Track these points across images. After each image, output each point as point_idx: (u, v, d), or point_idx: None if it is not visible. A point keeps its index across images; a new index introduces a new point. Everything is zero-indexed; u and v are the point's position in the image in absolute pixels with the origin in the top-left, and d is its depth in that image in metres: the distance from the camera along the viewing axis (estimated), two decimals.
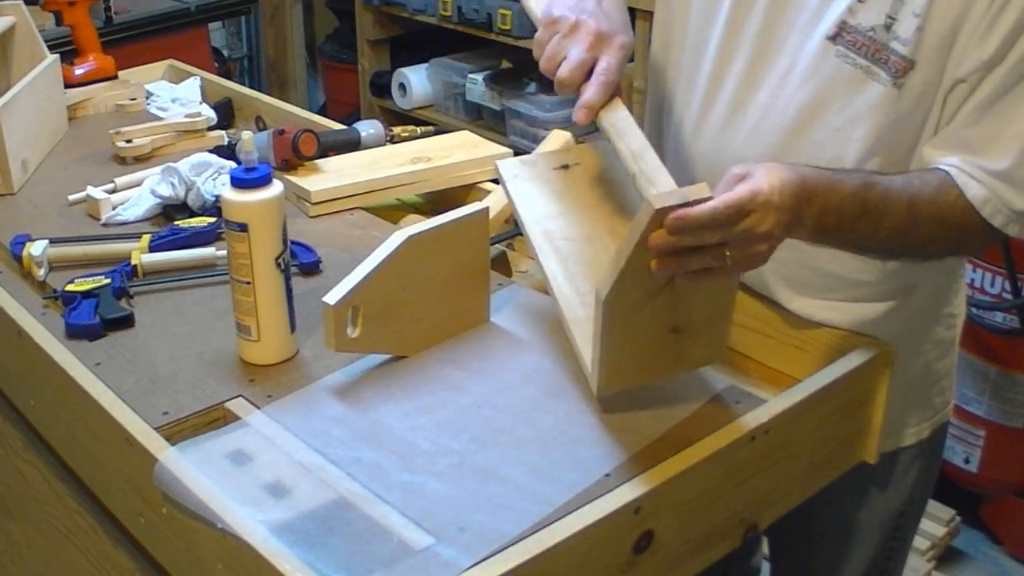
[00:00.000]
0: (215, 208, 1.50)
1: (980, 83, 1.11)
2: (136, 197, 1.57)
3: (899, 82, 1.14)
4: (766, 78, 1.22)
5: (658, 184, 1.06)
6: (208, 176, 1.56)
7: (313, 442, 1.07)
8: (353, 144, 1.74)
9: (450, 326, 1.24)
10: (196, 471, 1.01)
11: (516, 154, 1.68)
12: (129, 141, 1.75)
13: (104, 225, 1.53)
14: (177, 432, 1.10)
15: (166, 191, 1.54)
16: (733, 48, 1.24)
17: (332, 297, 1.13)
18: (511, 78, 3.39)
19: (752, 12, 1.22)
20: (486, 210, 1.26)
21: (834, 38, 1.16)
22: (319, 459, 1.05)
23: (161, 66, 2.19)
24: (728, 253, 0.97)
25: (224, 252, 1.21)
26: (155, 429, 1.07)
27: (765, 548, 1.95)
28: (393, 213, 1.62)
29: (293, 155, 1.61)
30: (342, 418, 1.11)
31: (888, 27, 1.13)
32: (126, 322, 1.28)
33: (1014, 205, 1.12)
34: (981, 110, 1.12)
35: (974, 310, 2.30)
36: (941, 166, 1.13)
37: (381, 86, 3.79)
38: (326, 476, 1.02)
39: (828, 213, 1.06)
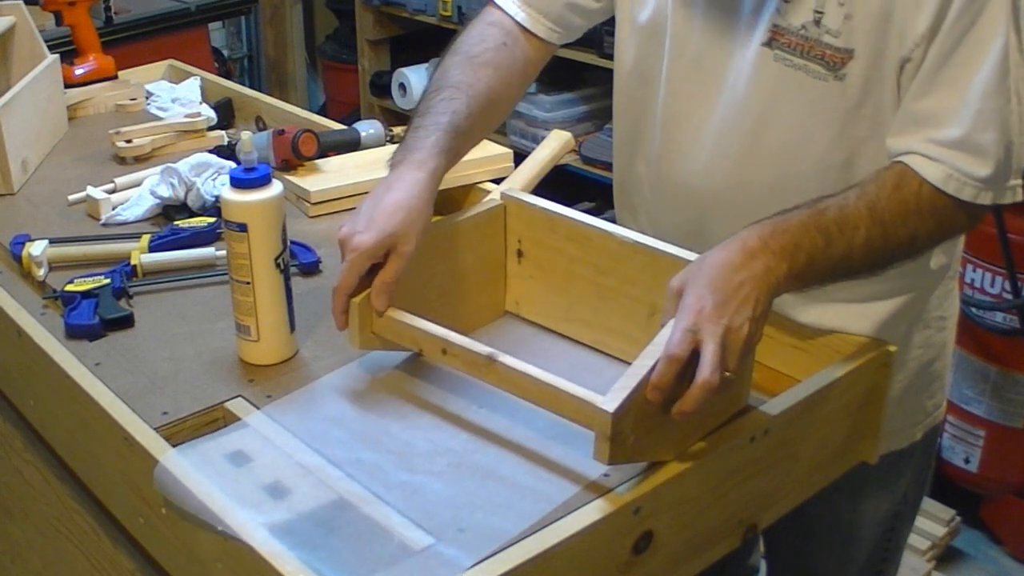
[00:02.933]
0: (215, 208, 1.49)
1: (924, 57, 1.11)
2: (136, 197, 1.57)
3: (840, 73, 1.15)
4: (717, 96, 1.24)
5: (586, 396, 1.00)
6: (208, 176, 1.56)
7: (312, 443, 1.07)
8: (353, 144, 1.74)
9: (470, 319, 1.23)
10: (196, 473, 1.00)
11: (516, 154, 1.68)
12: (129, 141, 1.75)
13: (104, 225, 1.53)
14: (177, 432, 1.10)
15: (165, 192, 1.54)
16: (682, 72, 1.26)
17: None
18: None
19: (691, 35, 1.24)
20: (502, 206, 1.27)
21: (769, 43, 1.18)
22: (319, 459, 1.05)
23: (161, 66, 2.19)
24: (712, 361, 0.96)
25: (224, 252, 1.21)
26: (155, 429, 1.07)
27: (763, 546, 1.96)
28: None
29: (293, 155, 1.61)
30: (340, 418, 1.11)
31: (817, 22, 1.14)
32: (126, 322, 1.28)
33: (977, 173, 1.10)
34: (927, 82, 1.12)
35: (974, 310, 2.29)
36: (897, 158, 1.13)
37: (381, 86, 3.79)
38: (326, 476, 1.02)
39: (794, 256, 1.05)
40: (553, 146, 1.58)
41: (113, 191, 1.60)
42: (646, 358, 0.97)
